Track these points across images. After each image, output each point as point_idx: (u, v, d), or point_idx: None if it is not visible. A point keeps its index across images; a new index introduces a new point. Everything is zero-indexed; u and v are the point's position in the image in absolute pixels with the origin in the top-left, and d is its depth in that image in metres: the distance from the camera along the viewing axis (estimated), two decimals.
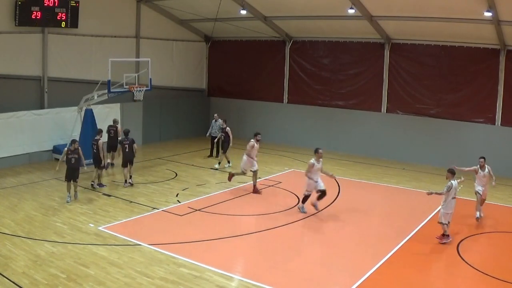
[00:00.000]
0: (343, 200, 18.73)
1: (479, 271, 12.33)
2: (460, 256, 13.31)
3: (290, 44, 29.86)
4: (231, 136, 23.51)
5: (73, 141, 17.26)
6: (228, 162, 23.34)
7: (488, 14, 20.07)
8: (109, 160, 21.65)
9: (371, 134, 27.12)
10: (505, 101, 24.02)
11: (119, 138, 21.16)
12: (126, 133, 19.93)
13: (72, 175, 17.00)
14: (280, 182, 20.67)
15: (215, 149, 25.24)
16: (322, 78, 28.95)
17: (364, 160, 25.74)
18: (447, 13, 21.81)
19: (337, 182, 21.04)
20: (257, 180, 19.49)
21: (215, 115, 25.61)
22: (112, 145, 22.22)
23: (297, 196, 18.65)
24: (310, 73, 29.34)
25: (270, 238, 14.08)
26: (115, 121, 22.87)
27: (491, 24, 21.72)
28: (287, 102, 30.32)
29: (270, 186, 20.12)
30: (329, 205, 17.79)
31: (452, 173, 14.57)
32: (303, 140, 28.79)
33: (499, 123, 24.31)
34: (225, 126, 23.97)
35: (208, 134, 25.46)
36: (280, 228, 15.13)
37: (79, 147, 17.17)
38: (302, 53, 29.61)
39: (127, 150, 19.59)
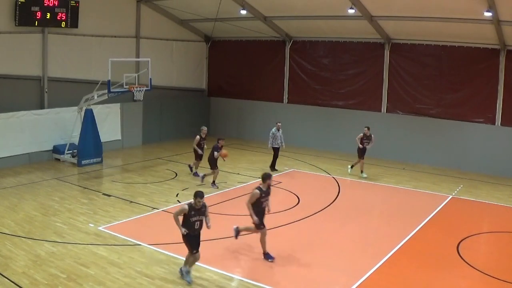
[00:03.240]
0: (343, 200, 18.75)
1: (479, 271, 12.35)
2: (460, 256, 13.31)
3: (290, 44, 29.86)
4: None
5: (199, 195, 11.47)
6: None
7: (488, 14, 20.08)
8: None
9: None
10: (505, 101, 24.04)
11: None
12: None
13: (197, 244, 11.64)
14: (280, 182, 20.66)
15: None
16: (322, 78, 28.95)
17: (364, 160, 25.72)
18: (447, 13, 21.83)
19: (337, 182, 21.10)
20: (256, 180, 19.58)
21: (278, 123, 23.38)
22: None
23: (297, 196, 18.68)
24: (310, 73, 29.34)
25: (270, 238, 14.05)
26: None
27: (491, 24, 21.73)
28: (287, 102, 30.32)
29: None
30: (329, 205, 17.82)
31: None
32: (303, 140, 28.83)
33: (499, 123, 24.32)
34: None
35: (270, 145, 23.22)
36: (280, 228, 15.15)
37: (206, 205, 11.81)
38: (302, 53, 29.61)
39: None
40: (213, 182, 19.92)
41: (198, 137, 21.15)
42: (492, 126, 24.38)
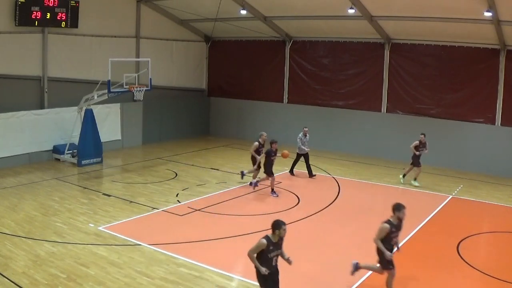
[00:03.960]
0: (343, 200, 18.77)
1: (480, 271, 12.37)
2: (460, 256, 13.33)
3: (290, 44, 29.87)
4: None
5: (282, 224, 9.57)
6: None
7: (488, 14, 20.09)
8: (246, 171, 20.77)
9: (371, 134, 27.14)
10: (505, 101, 24.05)
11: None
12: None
13: (275, 285, 9.69)
14: (280, 182, 20.68)
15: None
16: (322, 78, 28.95)
17: (364, 160, 25.76)
18: (447, 13, 21.85)
19: (337, 182, 21.11)
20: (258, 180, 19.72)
21: (305, 128, 22.68)
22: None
23: (297, 196, 18.69)
24: (310, 73, 29.34)
25: None
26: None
27: (491, 24, 21.75)
28: (287, 102, 30.34)
29: (270, 186, 20.13)
30: (329, 205, 17.84)
31: None
32: None
33: (499, 123, 24.34)
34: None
35: (299, 151, 22.40)
36: None
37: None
38: (302, 53, 29.62)
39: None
40: (272, 190, 19.08)
41: (256, 143, 20.21)
42: (492, 126, 24.38)
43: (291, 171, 22.68)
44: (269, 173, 19.04)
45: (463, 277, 12.18)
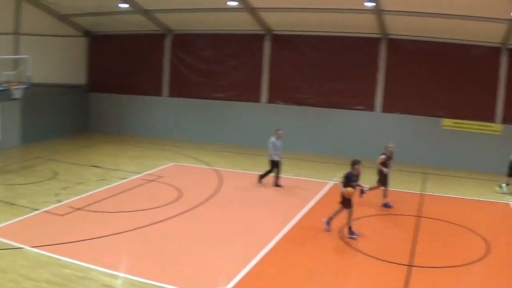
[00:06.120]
0: (226, 191, 19.40)
1: (363, 253, 13.37)
2: (344, 240, 14.27)
3: (171, 38, 30.02)
4: None
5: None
6: None
7: (369, 5, 21.02)
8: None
9: (252, 125, 27.92)
10: (386, 89, 25.81)
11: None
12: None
13: None
14: (162, 177, 20.96)
15: None
16: (203, 70, 29.53)
17: (247, 151, 26.39)
18: (328, 3, 22.75)
19: (218, 174, 21.56)
20: (137, 176, 19.82)
21: (279, 131, 20.42)
22: None
23: (179, 189, 18.99)
24: (191, 66, 29.87)
25: (154, 233, 14.35)
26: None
27: (372, 14, 22.83)
28: (168, 96, 30.57)
29: (151, 181, 20.37)
30: (211, 197, 18.39)
31: None
32: (184, 134, 29.24)
33: (380, 110, 25.84)
34: None
35: (270, 157, 20.20)
36: (164, 222, 15.46)
37: None
38: (183, 46, 29.97)
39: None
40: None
41: (383, 156, 17.98)
42: (372, 113, 25.80)
43: (276, 183, 20.39)
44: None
45: (348, 260, 13.15)
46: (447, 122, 26.10)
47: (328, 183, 20.71)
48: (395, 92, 26.17)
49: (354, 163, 14.74)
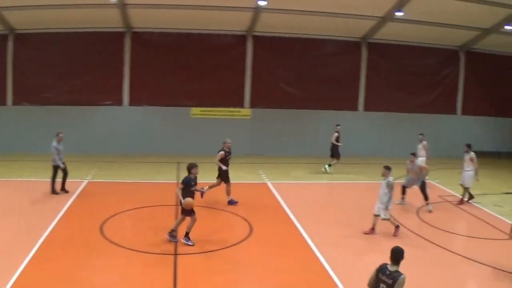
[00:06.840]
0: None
1: (123, 247, 12.91)
2: (104, 237, 13.65)
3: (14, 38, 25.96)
4: None
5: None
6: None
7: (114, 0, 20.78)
8: None
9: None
10: (127, 83, 25.84)
11: None
12: None
13: None
14: None
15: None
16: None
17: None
18: (72, 0, 22.05)
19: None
20: None
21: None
22: None
23: None
24: (39, 69, 26.10)
25: None
26: None
27: (116, 8, 22.57)
28: (12, 105, 26.42)
29: None
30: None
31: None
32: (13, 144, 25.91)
33: (127, 104, 25.67)
34: None
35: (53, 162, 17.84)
36: None
37: None
38: (27, 47, 25.97)
39: None
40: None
41: (222, 152, 17.34)
42: (120, 107, 25.92)
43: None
44: None
45: (109, 256, 12.44)
46: (195, 111, 26.92)
47: (86, 181, 19.87)
48: (141, 85, 26.26)
49: (191, 167, 13.76)
